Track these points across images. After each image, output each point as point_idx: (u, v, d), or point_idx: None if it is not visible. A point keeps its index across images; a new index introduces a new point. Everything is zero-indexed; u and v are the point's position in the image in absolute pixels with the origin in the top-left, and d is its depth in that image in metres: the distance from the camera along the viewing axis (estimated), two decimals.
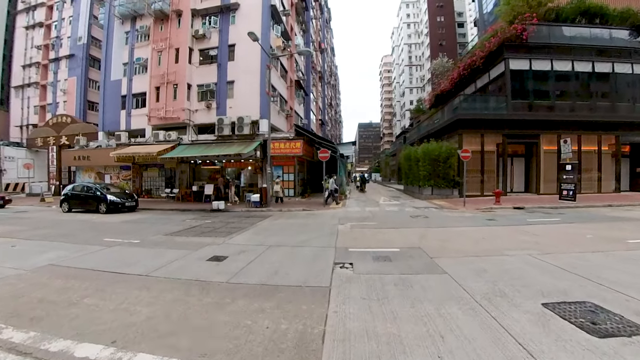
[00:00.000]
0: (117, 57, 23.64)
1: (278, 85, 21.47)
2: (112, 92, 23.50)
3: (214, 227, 9.58)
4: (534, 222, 9.35)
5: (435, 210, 12.87)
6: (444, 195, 17.01)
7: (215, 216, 12.47)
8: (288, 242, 7.01)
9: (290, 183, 17.78)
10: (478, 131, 17.68)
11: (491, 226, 8.91)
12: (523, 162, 19.12)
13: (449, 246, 6.35)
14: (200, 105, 20.24)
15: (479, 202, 15.39)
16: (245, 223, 10.32)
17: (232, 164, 19.50)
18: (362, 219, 10.54)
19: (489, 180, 17.87)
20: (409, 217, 10.88)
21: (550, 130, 18.11)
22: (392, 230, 8.40)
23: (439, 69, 37.94)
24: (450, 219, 10.46)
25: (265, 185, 14.49)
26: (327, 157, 14.04)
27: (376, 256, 5.55)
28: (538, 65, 18.35)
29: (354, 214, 11.93)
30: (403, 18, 62.33)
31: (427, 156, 16.79)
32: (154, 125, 20.79)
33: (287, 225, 9.72)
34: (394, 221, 9.99)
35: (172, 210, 15.11)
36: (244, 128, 17.78)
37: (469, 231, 8.09)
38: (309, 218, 11.15)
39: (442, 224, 9.36)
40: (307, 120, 30.89)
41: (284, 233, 8.31)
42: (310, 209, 13.62)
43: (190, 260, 5.69)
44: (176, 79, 20.15)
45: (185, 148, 18.54)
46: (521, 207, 13.54)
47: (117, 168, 21.59)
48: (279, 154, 17.27)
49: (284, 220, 10.72)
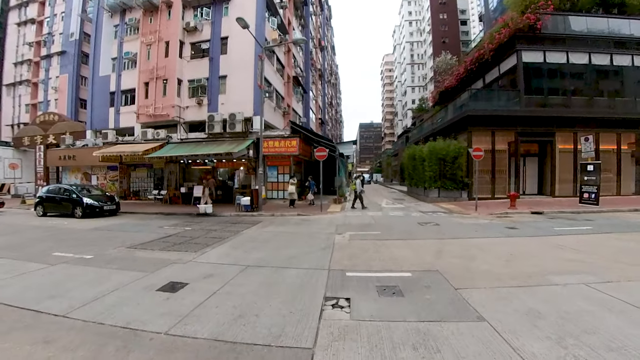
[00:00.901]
0: (105, 52, 22.35)
1: (274, 80, 20.08)
2: (100, 89, 22.21)
3: (192, 237, 8.18)
4: (564, 232, 7.90)
5: (444, 216, 11.42)
6: (452, 197, 15.55)
7: (199, 221, 11.08)
8: (271, 261, 5.59)
9: (286, 185, 16.34)
10: (488, 129, 16.21)
11: (515, 237, 7.46)
12: (536, 162, 17.61)
13: (475, 267, 4.92)
14: (191, 102, 18.88)
15: (491, 205, 13.94)
16: (229, 231, 8.92)
17: (223, 164, 18.12)
18: (363, 227, 9.11)
19: (500, 181, 16.39)
20: (417, 224, 9.43)
21: (566, 128, 16.62)
22: (399, 242, 6.96)
23: (443, 66, 36.46)
24: (464, 227, 9.02)
25: (257, 187, 13.08)
26: (325, 156, 12.63)
27: (382, 286, 4.13)
28: (553, 58, 16.86)
29: (354, 220, 10.49)
30: (405, 16, 60.77)
31: (434, 155, 15.34)
32: (143, 123, 19.43)
33: (276, 234, 8.30)
34: (400, 230, 8.55)
35: (156, 214, 13.76)
36: (235, 125, 16.39)
37: (491, 244, 6.64)
38: (303, 225, 9.72)
39: (457, 233, 7.92)
40: (306, 118, 29.50)
41: (269, 246, 6.89)
42: (305, 213, 12.21)
43: (136, 289, 4.28)
44: (166, 74, 18.79)
45: (173, 147, 17.17)
46: (540, 211, 12.08)
47: (104, 168, 20.25)
48: (273, 153, 15.87)
49: (274, 228, 9.30)
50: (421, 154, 16.36)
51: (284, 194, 16.43)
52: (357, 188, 14.00)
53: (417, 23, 58.85)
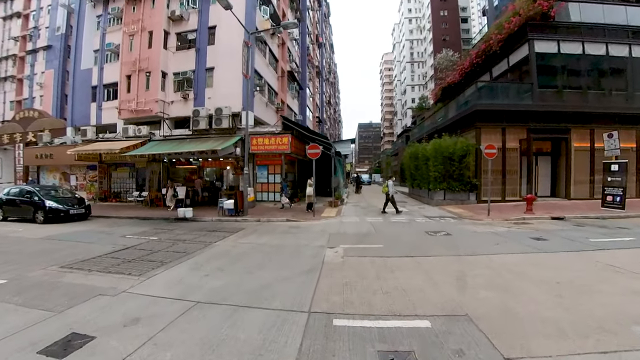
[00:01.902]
0: (87, 44, 20.80)
1: (266, 73, 18.54)
2: (82, 83, 20.65)
3: (151, 250, 6.64)
4: (605, 245, 6.37)
5: (454, 222, 9.88)
6: (459, 200, 14.02)
7: (172, 228, 9.52)
8: (232, 293, 4.03)
9: (277, 186, 14.81)
10: (498, 125, 14.68)
11: (548, 252, 5.92)
12: (549, 162, 16.09)
13: (519, 309, 3.38)
14: (176, 97, 17.32)
15: (504, 209, 12.41)
16: (200, 242, 7.38)
17: (209, 163, 16.57)
18: (361, 237, 7.56)
19: (511, 182, 14.86)
20: (425, 233, 7.88)
21: (582, 124, 15.12)
22: (407, 261, 5.41)
23: (444, 63, 34.98)
24: (481, 237, 7.48)
25: (242, 188, 11.54)
26: (318, 154, 11.09)
27: (388, 351, 2.59)
28: (567, 48, 15.35)
29: (351, 228, 8.94)
30: (404, 13, 59.19)
31: (439, 154, 13.81)
32: (126, 119, 17.85)
33: (255, 248, 6.74)
34: (405, 242, 6.99)
35: (131, 218, 12.22)
36: (222, 121, 14.84)
37: (524, 264, 5.10)
38: (290, 235, 8.17)
39: (475, 247, 6.38)
40: (303, 116, 27.96)
41: (240, 266, 5.34)
42: (296, 218, 10.66)
43: (10, 348, 2.75)
44: (149, 66, 17.22)
45: (155, 144, 15.62)
46: (560, 217, 10.56)
47: (83, 168, 18.68)
48: (262, 151, 14.32)
49: (255, 239, 7.75)
50: (425, 153, 14.83)
51: (274, 195, 14.89)
52: (390, 190, 12.23)
53: (417, 20, 57.29)
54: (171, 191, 12.34)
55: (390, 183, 12.54)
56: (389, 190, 12.26)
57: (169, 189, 12.25)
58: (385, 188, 12.44)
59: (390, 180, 12.87)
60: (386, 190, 12.36)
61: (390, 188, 12.29)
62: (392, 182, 12.76)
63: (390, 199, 12.28)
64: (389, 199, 12.29)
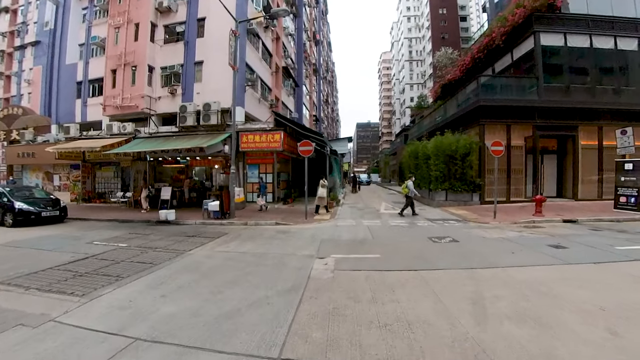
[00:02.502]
0: (73, 38, 19.92)
1: (259, 68, 17.59)
2: (67, 79, 19.74)
3: (114, 260, 5.71)
4: (636, 254, 5.50)
5: (458, 226, 8.98)
6: (462, 201, 13.14)
7: (148, 233, 8.57)
8: (186, 325, 3.10)
9: (269, 186, 13.87)
10: (503, 122, 13.80)
11: (574, 264, 5.03)
12: (555, 160, 15.23)
13: (564, 355, 2.48)
14: (164, 92, 16.35)
15: (510, 211, 11.55)
16: (172, 250, 6.44)
17: (198, 161, 15.60)
18: (356, 245, 6.64)
19: (516, 182, 13.99)
20: (428, 240, 6.96)
21: (590, 121, 14.27)
22: (409, 276, 4.50)
23: (443, 60, 34.10)
24: (492, 244, 6.58)
25: (230, 189, 10.59)
26: (310, 152, 10.16)
27: None
28: (574, 41, 14.49)
29: (345, 233, 8.02)
30: (403, 11, 58.28)
31: (441, 152, 12.92)
32: (112, 116, 16.86)
33: (232, 258, 5.79)
34: (407, 250, 6.07)
35: (110, 221, 11.26)
36: (210, 117, 13.90)
37: (551, 281, 4.18)
38: (276, 241, 7.23)
39: (488, 256, 5.47)
40: (299, 114, 27.04)
41: (207, 284, 4.39)
42: (286, 222, 9.72)
43: None
44: (135, 60, 16.25)
45: (140, 142, 14.65)
46: (572, 219, 9.70)
47: (67, 167, 17.69)
48: (253, 149, 13.38)
49: (235, 246, 6.80)
50: (425, 151, 13.93)
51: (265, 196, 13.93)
52: (411, 191, 11.00)
53: (416, 19, 56.39)
54: (145, 192, 11.44)
55: (410, 184, 11.19)
56: (410, 191, 11.00)
57: (142, 189, 11.32)
58: (405, 189, 11.20)
59: (410, 181, 11.36)
60: (406, 191, 11.12)
61: (410, 189, 11.04)
62: (412, 182, 11.36)
63: (410, 202, 11.04)
64: (410, 201, 11.00)
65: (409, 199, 11.09)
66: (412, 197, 11.10)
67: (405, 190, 11.23)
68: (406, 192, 11.17)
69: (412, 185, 11.20)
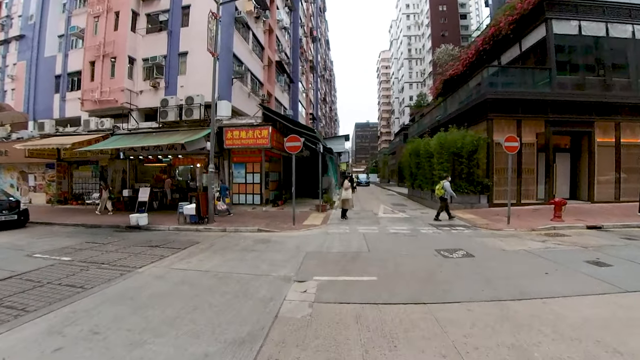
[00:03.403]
0: (52, 29, 18.59)
1: (248, 60, 16.30)
2: (45, 72, 18.46)
3: (38, 282, 4.43)
4: None
5: (469, 233, 7.69)
6: (468, 203, 11.87)
7: (108, 242, 7.26)
8: None
9: (256, 187, 12.57)
10: (513, 116, 12.52)
11: (631, 291, 3.74)
12: (568, 159, 13.96)
13: None
14: (146, 85, 15.04)
15: (522, 214, 10.29)
16: (120, 267, 5.15)
17: (181, 160, 14.29)
18: (348, 261, 5.33)
19: (527, 183, 12.73)
20: (436, 254, 5.65)
21: (608, 116, 13.03)
22: (417, 315, 3.20)
23: (444, 57, 32.79)
24: (515, 259, 5.29)
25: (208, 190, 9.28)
26: (298, 148, 8.86)
27: None
28: (589, 30, 13.24)
29: (336, 243, 6.72)
30: (402, 9, 56.96)
31: (445, 149, 11.64)
32: (90, 111, 15.52)
33: (187, 281, 4.47)
34: (411, 270, 4.74)
35: (76, 226, 9.99)
36: (193, 111, 12.60)
37: (619, 323, 2.91)
38: (252, 254, 5.92)
39: (516, 280, 4.17)
40: (294, 112, 25.72)
41: (132, 325, 3.08)
42: (270, 228, 8.42)
43: None
44: (114, 51, 14.92)
45: (117, 139, 13.34)
46: (597, 225, 8.46)
47: (42, 166, 16.37)
48: (238, 146, 12.08)
49: (199, 262, 5.46)
50: (428, 148, 12.65)
51: (253, 198, 12.65)
52: (447, 192, 9.54)
53: (415, 16, 55.10)
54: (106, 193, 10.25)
55: (447, 184, 9.65)
56: (446, 192, 9.53)
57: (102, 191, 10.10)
58: (440, 190, 9.69)
59: (446, 181, 9.76)
60: (442, 192, 9.63)
61: (447, 190, 9.55)
62: (448, 182, 9.77)
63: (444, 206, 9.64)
64: (445, 204, 9.63)
65: (444, 201, 9.61)
66: (447, 200, 9.62)
67: (441, 191, 9.69)
68: (441, 194, 9.67)
69: (448, 186, 9.63)
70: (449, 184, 9.71)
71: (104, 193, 10.41)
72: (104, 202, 10.49)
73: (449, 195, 9.64)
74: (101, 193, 10.07)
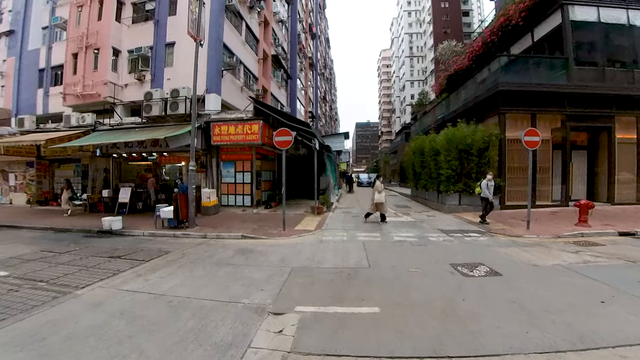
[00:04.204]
0: (36, 21, 17.54)
1: (241, 52, 15.24)
2: (29, 66, 17.43)
3: None
4: None
5: (486, 241, 6.58)
6: (478, 205, 10.63)
7: (67, 250, 6.18)
8: None
9: (246, 187, 11.48)
10: (527, 110, 11.41)
11: None
12: (585, 157, 12.82)
13: None
14: (131, 79, 14.00)
15: (540, 218, 9.18)
16: (60, 285, 4.07)
17: (167, 158, 13.22)
18: (343, 282, 4.21)
19: (542, 182, 11.62)
20: (453, 270, 4.53)
21: (628, 110, 11.91)
22: None
23: (447, 53, 31.59)
24: (554, 279, 4.16)
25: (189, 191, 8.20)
26: (289, 143, 7.76)
27: None
28: (609, 16, 12.13)
29: (331, 255, 5.61)
30: (403, 6, 55.70)
31: (453, 146, 10.53)
32: (74, 107, 14.50)
33: (127, 313, 3.35)
34: (424, 298, 3.58)
35: (45, 230, 8.95)
36: (179, 105, 11.54)
37: None
38: (223, 272, 4.79)
39: (565, 313, 3.07)
40: (292, 109, 24.66)
41: None
42: (257, 234, 7.33)
43: None
44: (98, 42, 13.89)
45: (98, 135, 12.29)
46: (630, 232, 7.33)
47: (23, 165, 15.35)
48: (227, 142, 10.99)
49: (154, 283, 4.34)
50: (434, 145, 11.53)
51: (243, 199, 11.56)
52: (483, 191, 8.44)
53: (417, 13, 53.86)
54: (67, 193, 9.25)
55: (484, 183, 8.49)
56: (484, 191, 8.41)
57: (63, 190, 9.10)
58: (478, 188, 8.67)
59: (486, 179, 8.53)
60: (478, 189, 8.64)
61: (484, 189, 8.41)
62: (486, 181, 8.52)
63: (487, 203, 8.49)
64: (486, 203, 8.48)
65: (485, 200, 8.50)
66: (488, 199, 8.46)
67: (478, 189, 8.68)
68: (479, 191, 8.63)
69: (485, 184, 8.45)
70: (486, 182, 8.48)
71: (65, 193, 9.41)
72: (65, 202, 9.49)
73: (488, 194, 8.40)
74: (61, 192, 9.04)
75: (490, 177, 8.61)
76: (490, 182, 8.53)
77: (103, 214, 11.00)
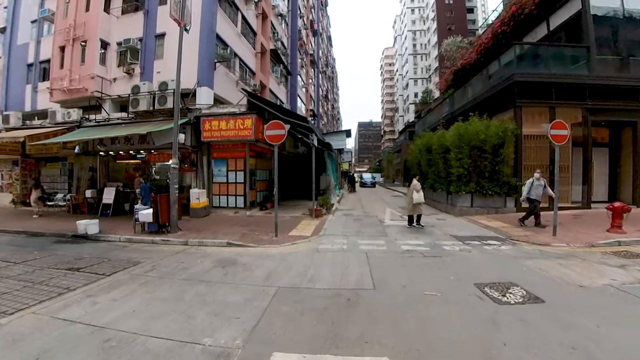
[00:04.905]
0: (25, 14, 16.77)
1: (236, 44, 14.35)
2: (17, 61, 16.63)
3: None
4: None
5: (509, 251, 5.62)
6: (492, 207, 9.76)
7: (24, 260, 5.31)
8: None
9: (239, 187, 10.59)
10: (545, 103, 10.41)
11: None
12: (607, 156, 11.79)
13: None
14: (119, 72, 13.18)
15: (565, 222, 8.15)
16: None
17: (155, 155, 12.36)
18: (339, 312, 3.28)
19: (561, 182, 10.57)
20: (481, 295, 3.57)
21: None
22: None
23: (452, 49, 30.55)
24: (604, 303, 3.22)
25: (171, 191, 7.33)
26: (282, 138, 6.86)
27: None
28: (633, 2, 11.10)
29: (327, 271, 4.66)
30: (407, 3, 54.50)
31: (465, 143, 9.55)
32: (62, 102, 13.71)
33: (56, 356, 2.53)
34: (449, 336, 2.66)
35: (16, 233, 8.15)
36: (167, 99, 10.67)
37: None
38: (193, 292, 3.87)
39: None
40: (292, 107, 23.74)
41: None
42: (244, 241, 6.43)
43: None
44: (85, 34, 13.08)
45: (83, 131, 11.47)
46: None
47: (9, 164, 14.60)
48: (218, 138, 10.10)
49: (103, 308, 3.44)
50: (443, 142, 10.55)
51: (236, 200, 10.67)
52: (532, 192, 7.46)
53: (420, 10, 52.65)
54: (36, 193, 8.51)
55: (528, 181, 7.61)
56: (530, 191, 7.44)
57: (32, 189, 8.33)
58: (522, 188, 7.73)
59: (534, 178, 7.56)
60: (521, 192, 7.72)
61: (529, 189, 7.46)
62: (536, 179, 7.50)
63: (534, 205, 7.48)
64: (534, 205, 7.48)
65: (532, 202, 7.48)
66: (535, 201, 7.44)
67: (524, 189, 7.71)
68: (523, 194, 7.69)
69: (529, 183, 7.52)
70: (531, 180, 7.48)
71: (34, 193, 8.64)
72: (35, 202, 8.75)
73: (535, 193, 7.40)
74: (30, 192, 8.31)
75: (538, 175, 7.54)
76: (538, 182, 7.44)
77: (86, 216, 10.19)
